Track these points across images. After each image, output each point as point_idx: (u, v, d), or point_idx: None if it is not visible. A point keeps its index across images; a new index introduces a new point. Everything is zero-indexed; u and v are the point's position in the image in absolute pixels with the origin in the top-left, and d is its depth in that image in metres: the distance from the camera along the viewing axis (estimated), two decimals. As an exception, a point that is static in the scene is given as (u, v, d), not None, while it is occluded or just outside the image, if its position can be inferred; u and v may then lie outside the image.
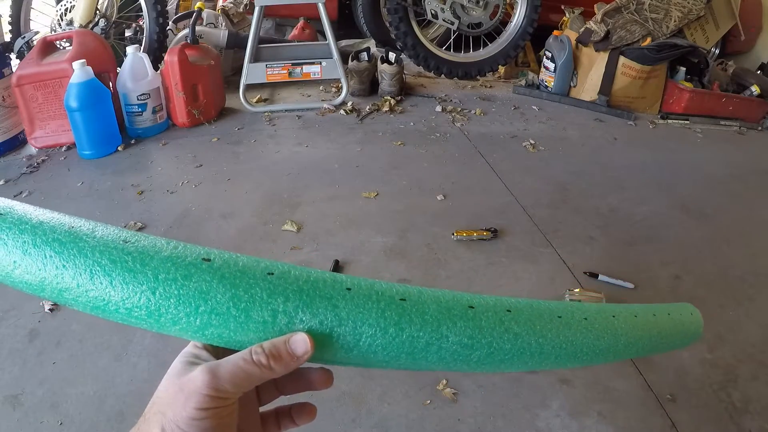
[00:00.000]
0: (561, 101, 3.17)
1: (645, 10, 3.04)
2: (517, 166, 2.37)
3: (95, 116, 2.29)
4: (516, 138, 2.66)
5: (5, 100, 2.38)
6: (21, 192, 2.09)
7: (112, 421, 1.17)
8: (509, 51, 3.28)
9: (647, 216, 2.05)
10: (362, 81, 3.08)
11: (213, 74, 2.71)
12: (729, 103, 3.08)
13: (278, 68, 2.83)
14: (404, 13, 3.02)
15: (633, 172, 2.38)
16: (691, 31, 3.22)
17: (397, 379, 1.29)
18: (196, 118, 2.65)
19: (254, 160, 2.36)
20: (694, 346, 1.43)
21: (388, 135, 2.63)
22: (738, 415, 1.23)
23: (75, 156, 2.37)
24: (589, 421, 1.20)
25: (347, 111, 2.88)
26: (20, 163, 2.33)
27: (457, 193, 2.12)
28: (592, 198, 2.15)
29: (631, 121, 2.98)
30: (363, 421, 1.19)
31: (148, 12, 2.87)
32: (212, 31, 3.13)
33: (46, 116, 2.40)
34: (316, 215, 1.95)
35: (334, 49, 2.82)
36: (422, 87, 3.34)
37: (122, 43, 3.05)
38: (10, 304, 1.51)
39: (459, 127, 2.76)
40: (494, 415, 1.21)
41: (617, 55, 2.99)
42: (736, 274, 1.74)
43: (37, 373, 1.30)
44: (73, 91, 2.20)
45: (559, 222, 1.96)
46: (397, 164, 2.34)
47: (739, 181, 2.38)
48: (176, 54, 2.50)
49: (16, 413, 1.19)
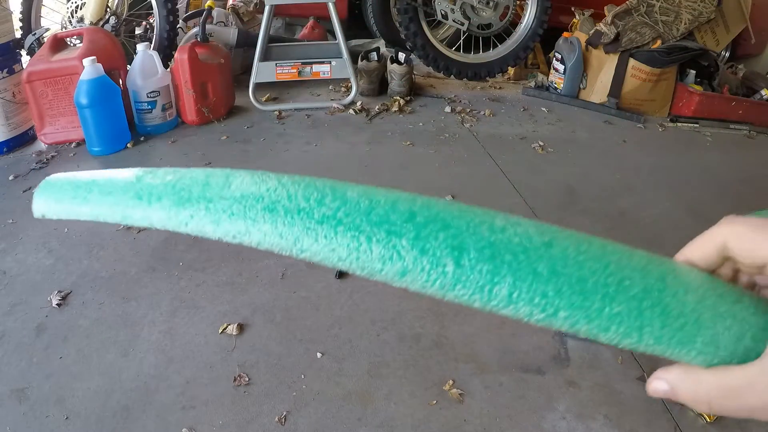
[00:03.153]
0: (570, 103, 3.16)
1: (655, 12, 3.02)
2: (525, 168, 2.36)
3: (105, 113, 2.30)
4: (525, 139, 2.65)
5: (16, 96, 2.40)
6: (30, 188, 2.10)
7: (118, 416, 1.17)
8: (519, 52, 3.27)
9: (656, 219, 2.03)
10: (372, 81, 3.08)
11: (223, 72, 2.71)
12: (739, 106, 3.06)
13: (288, 67, 2.83)
14: (414, 13, 3.02)
15: (642, 175, 2.37)
16: (702, 33, 3.21)
17: (404, 379, 1.29)
18: (205, 116, 2.66)
19: (263, 158, 2.36)
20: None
21: (397, 135, 2.63)
22: (744, 420, 1.22)
23: (84, 152, 2.38)
24: (595, 424, 1.20)
25: (356, 111, 2.88)
26: (30, 159, 2.34)
27: (465, 193, 2.12)
28: (600, 200, 2.14)
29: (640, 123, 2.97)
30: (369, 420, 1.19)
31: (159, 10, 2.88)
32: (222, 29, 3.14)
33: (55, 113, 2.41)
34: (324, 214, 1.95)
35: (343, 49, 2.82)
36: (432, 87, 3.34)
37: (132, 41, 3.06)
38: (18, 298, 1.52)
39: (468, 128, 2.75)
40: (500, 416, 1.21)
41: (627, 58, 2.98)
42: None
43: (43, 367, 1.30)
44: (83, 88, 2.21)
45: (567, 224, 1.94)
46: (406, 164, 2.34)
47: (748, 184, 2.37)
48: (186, 52, 2.51)
49: (22, 407, 1.20)
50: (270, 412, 1.20)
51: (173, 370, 1.30)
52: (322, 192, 0.37)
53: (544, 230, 0.36)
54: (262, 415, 1.19)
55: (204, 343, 1.38)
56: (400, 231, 0.33)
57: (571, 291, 0.32)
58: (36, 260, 1.67)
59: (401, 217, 0.34)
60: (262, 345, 1.38)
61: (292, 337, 1.40)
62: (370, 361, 1.34)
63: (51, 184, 0.39)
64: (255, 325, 1.44)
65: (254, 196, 0.35)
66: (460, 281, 0.32)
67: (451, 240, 0.33)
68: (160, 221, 0.35)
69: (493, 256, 0.33)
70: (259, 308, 1.49)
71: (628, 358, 1.39)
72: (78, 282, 1.58)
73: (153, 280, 1.60)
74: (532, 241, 0.34)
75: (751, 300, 0.34)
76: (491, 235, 0.34)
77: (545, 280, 0.32)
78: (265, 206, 0.34)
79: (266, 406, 1.22)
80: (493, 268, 0.32)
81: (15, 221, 1.88)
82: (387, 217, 0.34)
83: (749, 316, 0.33)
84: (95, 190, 0.37)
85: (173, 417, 1.18)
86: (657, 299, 0.32)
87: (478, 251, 0.33)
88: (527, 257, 0.33)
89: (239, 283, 1.58)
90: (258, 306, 1.50)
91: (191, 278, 1.60)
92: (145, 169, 0.38)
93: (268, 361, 1.33)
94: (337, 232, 0.33)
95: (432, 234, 0.33)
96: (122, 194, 0.36)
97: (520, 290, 0.32)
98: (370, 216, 0.34)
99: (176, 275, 1.62)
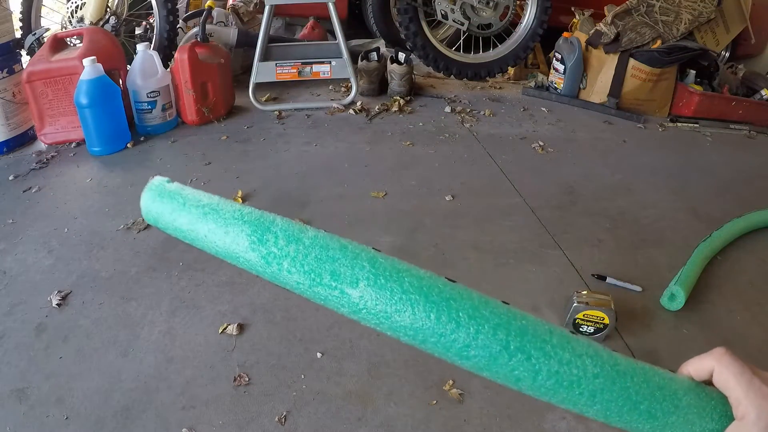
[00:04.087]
0: (570, 103, 3.16)
1: (655, 12, 3.02)
2: (525, 168, 2.36)
3: (105, 113, 2.30)
4: (525, 139, 2.65)
5: (15, 96, 2.40)
6: (30, 188, 2.10)
7: (118, 416, 1.17)
8: (519, 52, 3.27)
9: (656, 219, 2.03)
10: (372, 81, 3.08)
11: (223, 72, 2.71)
12: (739, 106, 3.06)
13: (288, 67, 2.83)
14: (414, 13, 3.02)
15: (642, 175, 2.37)
16: (702, 34, 3.21)
17: (404, 379, 1.29)
18: (205, 116, 2.66)
19: (263, 158, 2.36)
20: (702, 350, 1.42)
21: (397, 135, 2.63)
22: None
23: (84, 152, 2.38)
24: (594, 424, 1.19)
25: (356, 111, 2.88)
26: (30, 159, 2.34)
27: (465, 193, 2.12)
28: (600, 200, 2.14)
29: (640, 123, 2.97)
30: (369, 420, 1.19)
31: (159, 10, 2.88)
32: (222, 29, 3.14)
33: (56, 113, 2.41)
34: (325, 214, 1.95)
35: (343, 49, 2.82)
36: (432, 87, 3.34)
37: (132, 41, 3.06)
38: (18, 298, 1.52)
39: (468, 128, 2.75)
40: (500, 416, 1.21)
41: (627, 58, 2.98)
42: (744, 278, 1.73)
43: (43, 367, 1.30)
44: (83, 88, 2.21)
45: (567, 224, 1.95)
46: (406, 164, 2.34)
47: (748, 184, 2.37)
48: (186, 52, 2.51)
49: (22, 407, 1.20)
50: (270, 412, 1.20)
51: (173, 370, 1.30)
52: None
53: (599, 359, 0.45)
54: (262, 415, 1.19)
55: (204, 343, 1.38)
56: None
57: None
58: (36, 260, 1.67)
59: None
60: (262, 345, 1.38)
61: (292, 337, 1.40)
62: (370, 361, 1.34)
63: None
64: (255, 325, 1.44)
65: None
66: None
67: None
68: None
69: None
70: (259, 308, 1.49)
71: (628, 358, 1.39)
72: (78, 282, 1.58)
73: (153, 280, 1.60)
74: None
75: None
76: None
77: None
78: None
79: (266, 406, 1.22)
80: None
81: (15, 221, 1.88)
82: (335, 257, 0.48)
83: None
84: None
85: (173, 417, 1.18)
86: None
87: None
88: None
89: (239, 283, 1.58)
90: (258, 306, 1.50)
91: (191, 278, 1.60)
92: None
93: (268, 361, 1.33)
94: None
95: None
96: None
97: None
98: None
99: (176, 275, 1.62)
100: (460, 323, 0.43)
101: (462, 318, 0.43)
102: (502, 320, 0.44)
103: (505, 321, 0.44)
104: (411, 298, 0.44)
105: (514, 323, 0.44)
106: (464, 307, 0.44)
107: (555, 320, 1.49)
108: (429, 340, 0.44)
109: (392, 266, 0.47)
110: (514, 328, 0.43)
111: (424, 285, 0.45)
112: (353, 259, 0.47)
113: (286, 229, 0.49)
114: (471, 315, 0.43)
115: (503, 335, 0.43)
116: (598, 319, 1.39)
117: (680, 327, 1.51)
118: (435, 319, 0.43)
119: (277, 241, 0.48)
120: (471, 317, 0.43)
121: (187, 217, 0.51)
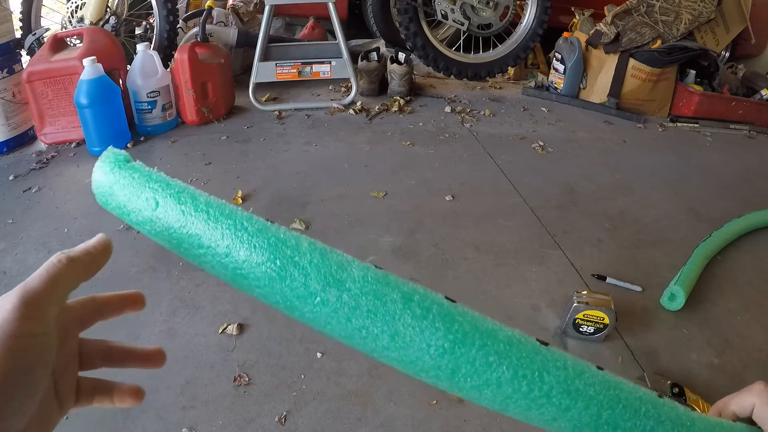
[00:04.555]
0: (570, 103, 3.16)
1: (655, 12, 3.02)
2: (525, 168, 2.36)
3: (105, 113, 2.30)
4: (525, 139, 2.65)
5: (15, 96, 2.40)
6: (30, 188, 2.10)
7: (118, 416, 1.17)
8: (519, 52, 3.27)
9: (656, 219, 2.04)
10: (372, 81, 3.08)
11: (223, 72, 2.71)
12: (739, 106, 3.06)
13: (288, 67, 2.83)
14: (414, 13, 3.02)
15: (642, 175, 2.37)
16: (702, 34, 3.21)
17: (404, 379, 1.29)
18: (205, 116, 2.66)
19: (263, 158, 2.36)
20: (702, 350, 1.42)
21: (397, 135, 2.63)
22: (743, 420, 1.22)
23: (84, 152, 2.38)
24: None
25: (356, 111, 2.88)
26: (30, 159, 2.34)
27: (465, 193, 2.12)
28: (600, 200, 2.14)
29: (640, 123, 2.97)
30: (369, 420, 1.19)
31: (159, 10, 2.88)
32: (222, 29, 3.14)
33: (56, 112, 2.41)
34: (325, 214, 1.95)
35: (343, 49, 2.82)
36: (432, 87, 3.34)
37: (132, 41, 3.06)
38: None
39: (468, 128, 2.75)
40: (500, 416, 1.20)
41: (627, 58, 2.98)
42: (744, 278, 1.73)
43: (44, 367, 1.30)
44: (83, 88, 2.21)
45: (567, 224, 1.95)
46: (406, 164, 2.34)
47: (748, 184, 2.37)
48: (186, 52, 2.51)
49: (23, 407, 1.20)
50: (270, 412, 1.20)
51: (173, 370, 1.30)
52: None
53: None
54: (262, 415, 1.19)
55: (204, 343, 1.38)
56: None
57: None
58: (36, 260, 1.67)
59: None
60: (262, 345, 1.38)
61: (292, 337, 1.40)
62: (370, 361, 1.34)
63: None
64: (255, 325, 1.44)
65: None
66: None
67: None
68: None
69: None
70: (259, 308, 1.49)
71: (628, 357, 1.39)
72: (78, 282, 1.58)
73: (153, 280, 1.60)
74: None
75: None
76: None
77: None
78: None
79: (266, 406, 1.22)
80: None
81: (15, 221, 1.88)
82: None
83: None
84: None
85: (173, 417, 1.18)
86: None
87: None
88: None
89: (239, 283, 1.58)
90: (258, 306, 1.50)
91: (191, 278, 1.60)
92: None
93: (268, 361, 1.33)
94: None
95: None
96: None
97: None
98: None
99: (176, 275, 1.62)
100: (551, 397, 0.39)
101: (554, 394, 0.39)
102: (598, 396, 0.40)
103: (602, 396, 0.40)
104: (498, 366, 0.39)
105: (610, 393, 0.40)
106: (558, 379, 0.39)
107: (555, 320, 1.49)
108: (512, 408, 0.41)
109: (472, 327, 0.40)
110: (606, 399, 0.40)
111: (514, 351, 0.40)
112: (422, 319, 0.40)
113: (319, 264, 0.42)
114: (565, 390, 0.39)
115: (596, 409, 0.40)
116: (598, 319, 1.39)
117: (680, 327, 1.51)
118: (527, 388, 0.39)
119: (308, 281, 0.40)
120: (564, 392, 0.39)
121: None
